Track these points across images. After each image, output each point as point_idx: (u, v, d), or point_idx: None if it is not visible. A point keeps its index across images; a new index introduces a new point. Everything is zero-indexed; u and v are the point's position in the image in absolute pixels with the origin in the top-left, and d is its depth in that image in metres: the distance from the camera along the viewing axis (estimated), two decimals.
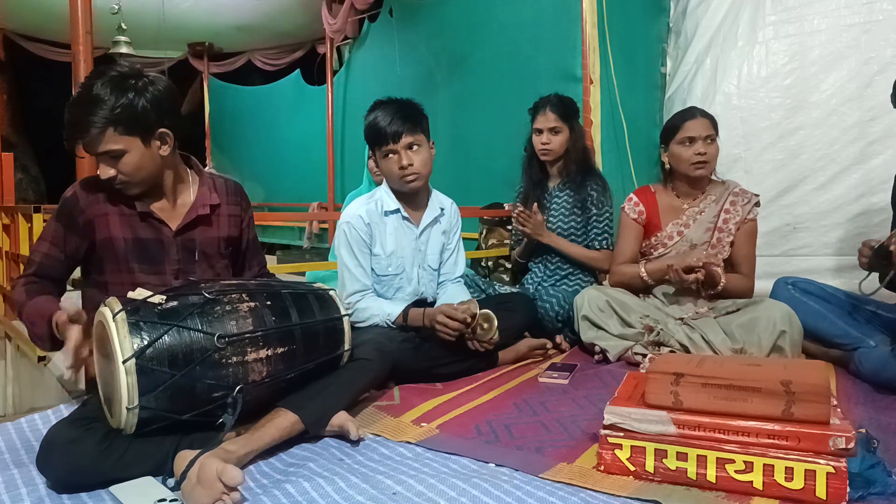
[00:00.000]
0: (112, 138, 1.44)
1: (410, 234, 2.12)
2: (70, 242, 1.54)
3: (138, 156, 1.48)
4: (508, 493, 1.17)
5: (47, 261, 1.55)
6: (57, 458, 1.23)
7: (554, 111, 2.61)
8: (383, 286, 2.12)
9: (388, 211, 2.09)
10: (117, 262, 1.55)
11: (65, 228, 1.54)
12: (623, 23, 3.26)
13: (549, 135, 2.62)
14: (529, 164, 2.76)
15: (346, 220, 2.07)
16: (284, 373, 1.42)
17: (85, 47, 2.03)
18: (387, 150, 2.01)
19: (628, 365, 2.13)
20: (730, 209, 2.28)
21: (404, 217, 2.11)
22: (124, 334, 1.23)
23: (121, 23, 5.68)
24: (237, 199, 1.73)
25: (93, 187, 1.56)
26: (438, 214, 2.17)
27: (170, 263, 1.58)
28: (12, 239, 3.12)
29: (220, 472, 1.13)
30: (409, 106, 2.04)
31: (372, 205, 2.09)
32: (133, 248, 1.55)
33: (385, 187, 2.12)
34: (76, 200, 1.54)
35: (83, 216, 1.53)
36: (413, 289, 2.14)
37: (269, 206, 7.69)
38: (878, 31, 2.88)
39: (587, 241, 2.64)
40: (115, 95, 1.43)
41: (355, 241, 2.06)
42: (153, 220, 1.57)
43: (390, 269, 2.09)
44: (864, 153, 2.90)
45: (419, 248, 2.14)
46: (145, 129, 1.48)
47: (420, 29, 4.85)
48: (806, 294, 2.16)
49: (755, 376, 1.22)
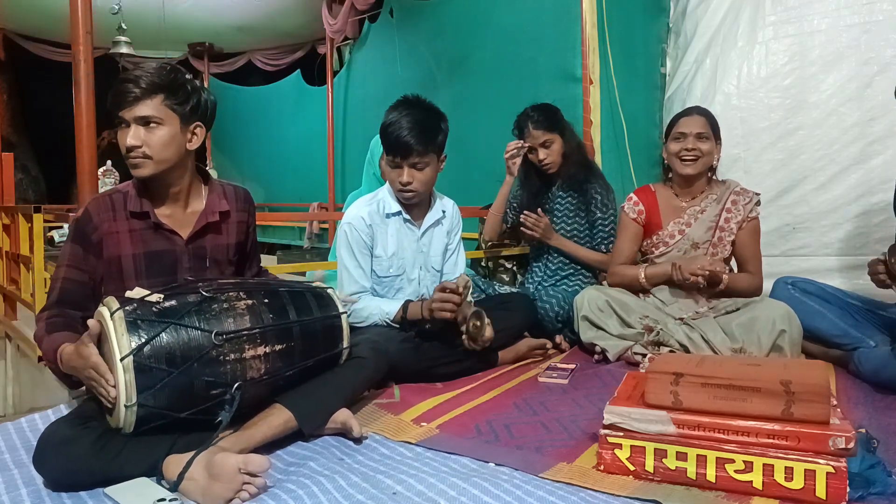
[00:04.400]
0: (157, 105, 1.47)
1: (412, 235, 2.12)
2: (89, 262, 1.50)
3: (171, 133, 1.49)
4: (508, 493, 1.17)
5: (69, 284, 1.49)
6: (52, 458, 1.23)
7: (538, 127, 2.58)
8: (384, 287, 2.12)
9: (390, 213, 2.09)
10: (123, 280, 1.51)
11: (82, 249, 1.50)
12: (623, 23, 3.26)
13: (542, 150, 2.60)
14: (527, 177, 2.74)
15: (347, 221, 2.07)
16: (283, 370, 1.42)
17: (85, 47, 2.03)
18: (392, 160, 2.00)
19: (628, 365, 2.13)
20: (731, 208, 2.28)
21: (406, 219, 2.11)
22: (122, 332, 1.23)
23: (121, 23, 5.68)
24: (245, 205, 1.73)
25: (103, 205, 1.52)
26: (441, 216, 2.17)
27: (182, 272, 1.56)
28: (12, 239, 3.12)
29: (245, 462, 1.17)
30: (430, 120, 2.01)
31: (374, 206, 2.09)
32: (144, 264, 1.52)
33: (389, 191, 2.12)
34: (89, 218, 1.50)
35: (96, 233, 1.50)
36: (413, 290, 2.14)
37: (269, 206, 7.69)
38: (878, 31, 2.88)
39: (593, 244, 2.64)
40: (172, 73, 1.50)
41: (356, 241, 2.06)
42: (164, 230, 1.55)
43: (391, 270, 2.09)
44: (864, 153, 2.90)
45: (421, 249, 2.14)
46: (187, 114, 1.52)
47: (420, 29, 4.85)
48: (806, 294, 2.16)
49: (755, 376, 1.22)
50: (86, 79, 2.03)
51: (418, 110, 1.99)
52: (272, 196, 7.85)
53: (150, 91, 1.46)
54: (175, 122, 1.50)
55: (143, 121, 1.46)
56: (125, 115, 1.46)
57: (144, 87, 1.45)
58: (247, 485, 1.17)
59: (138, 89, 1.45)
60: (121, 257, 1.51)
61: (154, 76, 1.46)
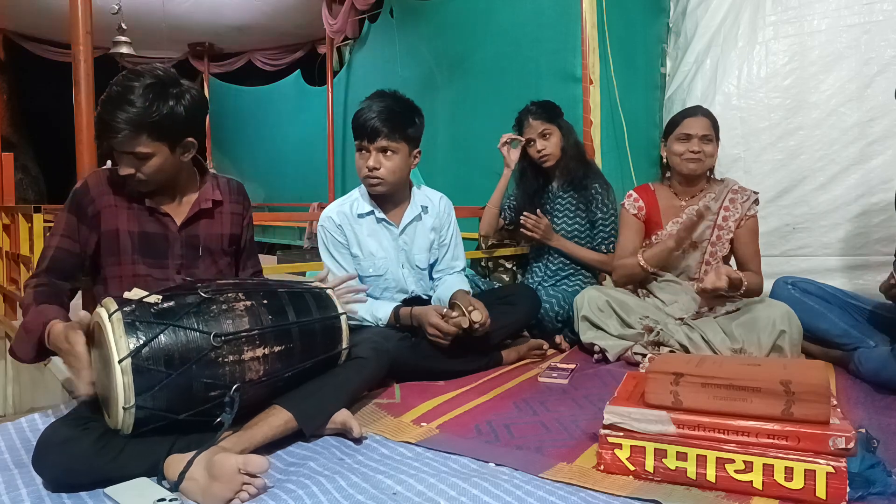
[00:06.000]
0: (143, 142, 1.45)
1: (390, 234, 2.09)
2: (82, 233, 1.54)
3: (162, 160, 1.50)
4: (508, 493, 1.17)
5: (60, 254, 1.53)
6: (53, 458, 1.23)
7: (537, 118, 2.61)
8: (369, 287, 2.09)
9: (362, 213, 2.06)
10: (120, 255, 1.55)
11: (77, 219, 1.54)
12: (623, 23, 3.26)
13: (541, 141, 2.61)
14: (522, 177, 2.75)
15: (320, 223, 2.08)
16: (282, 371, 1.42)
17: (85, 47, 2.03)
18: (359, 144, 1.98)
19: (628, 365, 2.13)
20: (729, 206, 2.29)
21: (380, 218, 2.08)
22: (120, 334, 1.23)
23: (121, 23, 5.68)
24: (239, 197, 1.75)
25: (102, 180, 1.57)
26: (420, 212, 2.13)
27: (173, 258, 1.60)
28: (12, 239, 3.12)
29: (245, 462, 1.17)
30: (402, 108, 1.98)
31: (346, 206, 2.08)
32: (138, 243, 1.56)
33: (362, 191, 2.10)
34: (87, 190, 1.55)
35: (93, 206, 1.54)
36: (400, 288, 2.13)
37: (269, 206, 7.69)
38: (878, 31, 2.88)
39: (593, 244, 2.64)
40: (156, 104, 1.44)
41: (331, 241, 2.07)
42: (159, 214, 1.59)
43: (371, 270, 2.07)
44: (864, 153, 2.89)
45: (402, 247, 2.11)
46: (175, 138, 1.50)
47: (421, 29, 4.85)
48: (806, 294, 2.16)
49: (755, 376, 1.22)
50: (86, 79, 2.03)
51: (392, 100, 1.98)
52: (272, 196, 7.86)
53: (132, 133, 1.43)
54: (164, 149, 1.49)
55: (131, 156, 1.47)
56: (114, 147, 1.47)
57: (126, 131, 1.42)
58: (246, 485, 1.17)
59: (119, 134, 1.42)
60: (118, 231, 1.55)
61: (133, 115, 1.41)
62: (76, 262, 1.55)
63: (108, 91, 1.46)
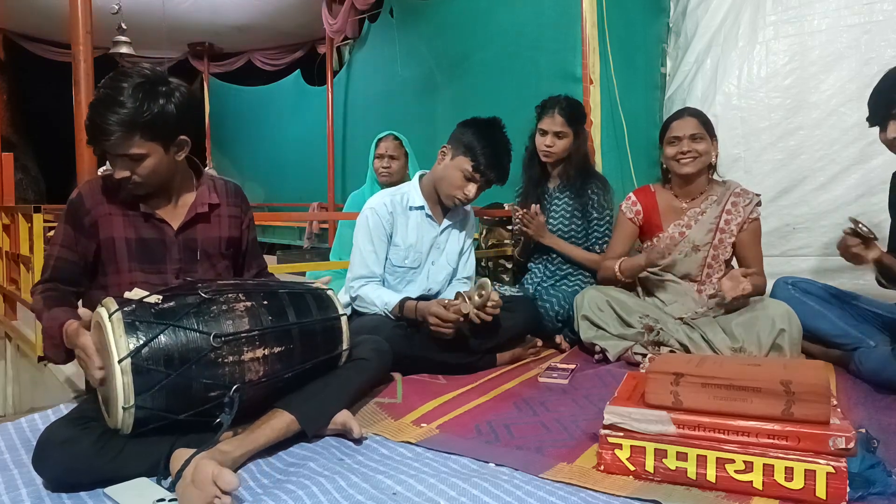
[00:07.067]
0: (136, 144, 1.44)
1: (432, 230, 2.19)
2: (81, 243, 1.54)
3: (157, 160, 1.49)
4: (508, 493, 1.17)
5: (61, 263, 1.54)
6: (53, 457, 1.23)
7: (562, 115, 2.58)
8: (396, 278, 2.16)
9: (413, 206, 2.16)
10: (117, 262, 1.55)
11: (74, 230, 1.54)
12: (623, 23, 3.26)
13: (553, 138, 2.59)
14: (530, 163, 2.75)
15: (371, 206, 2.13)
16: (282, 372, 1.42)
17: (85, 47, 2.03)
18: (473, 176, 2.08)
19: (628, 365, 2.13)
20: (731, 210, 2.28)
21: (428, 214, 2.17)
22: (120, 334, 1.23)
23: (121, 23, 5.67)
24: (237, 200, 1.74)
25: (96, 188, 1.56)
26: (461, 218, 2.26)
27: (171, 263, 1.59)
28: (12, 239, 3.12)
29: (216, 476, 1.11)
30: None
31: (398, 197, 2.17)
32: (135, 249, 1.56)
33: (415, 185, 2.18)
34: (81, 202, 1.54)
35: (89, 217, 1.54)
36: (425, 286, 2.19)
37: (269, 206, 7.68)
38: (878, 31, 2.87)
39: (588, 245, 2.64)
40: (146, 103, 1.42)
41: (375, 226, 2.11)
42: (155, 220, 1.58)
43: (407, 261, 2.15)
44: (864, 153, 2.89)
45: (438, 245, 2.20)
46: (168, 137, 1.49)
47: (421, 29, 4.85)
48: (806, 294, 2.16)
49: (755, 376, 1.22)
50: (86, 79, 2.02)
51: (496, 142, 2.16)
52: (272, 196, 7.85)
53: (125, 134, 1.42)
54: (158, 149, 1.48)
55: (125, 158, 1.46)
56: (108, 151, 1.46)
57: (118, 133, 1.41)
58: (217, 499, 1.11)
59: (112, 136, 1.41)
60: (114, 239, 1.55)
61: (125, 115, 1.40)
62: (78, 270, 1.56)
63: (97, 94, 1.45)
